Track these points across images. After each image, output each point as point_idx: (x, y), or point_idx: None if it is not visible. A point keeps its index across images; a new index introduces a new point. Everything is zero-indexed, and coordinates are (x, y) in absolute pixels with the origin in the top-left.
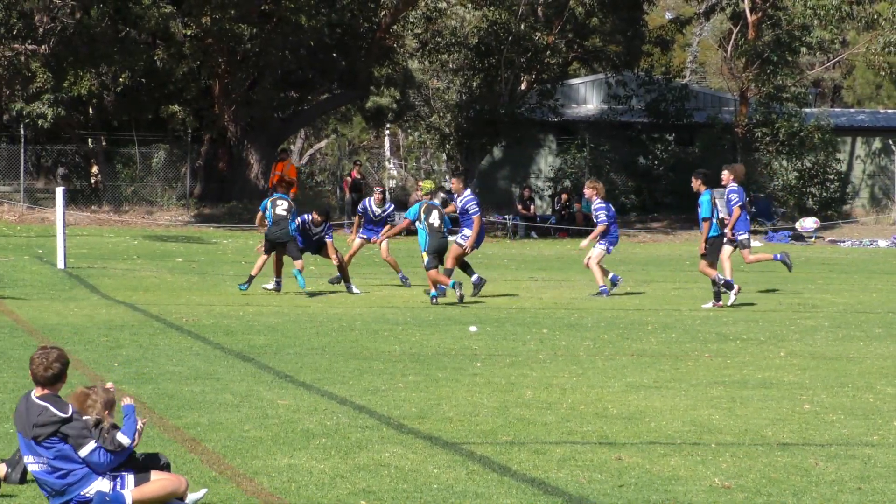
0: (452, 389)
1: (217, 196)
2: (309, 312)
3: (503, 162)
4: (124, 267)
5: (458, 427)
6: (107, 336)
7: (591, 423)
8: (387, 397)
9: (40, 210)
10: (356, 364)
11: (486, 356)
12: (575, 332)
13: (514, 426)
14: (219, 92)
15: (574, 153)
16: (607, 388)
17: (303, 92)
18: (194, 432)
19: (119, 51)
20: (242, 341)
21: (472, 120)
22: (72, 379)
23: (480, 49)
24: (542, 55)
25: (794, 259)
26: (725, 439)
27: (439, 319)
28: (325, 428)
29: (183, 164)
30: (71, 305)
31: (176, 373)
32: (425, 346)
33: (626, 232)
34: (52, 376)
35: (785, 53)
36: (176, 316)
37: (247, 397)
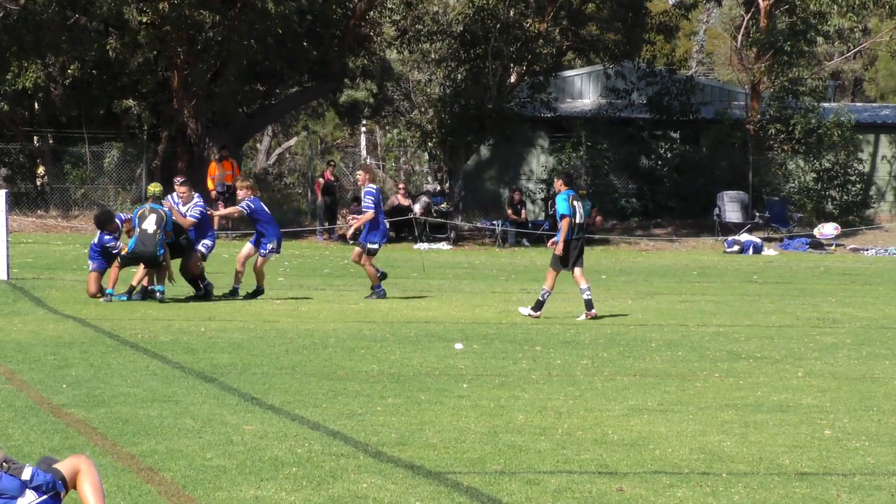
0: (436, 413)
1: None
2: (278, 328)
3: (491, 162)
4: (73, 278)
5: (442, 455)
6: (54, 354)
7: (589, 450)
8: (364, 422)
9: None
10: (330, 385)
11: (474, 376)
12: (571, 350)
13: (505, 454)
14: (177, 85)
15: (569, 152)
16: (607, 411)
17: (270, 85)
18: (151, 461)
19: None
20: (204, 360)
21: (457, 116)
22: (15, 402)
23: (465, 38)
24: (534, 44)
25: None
26: (738, 468)
27: (421, 336)
28: (295, 456)
29: (138, 165)
30: (15, 320)
31: (131, 395)
32: (406, 365)
33: (626, 239)
34: None
35: (801, 43)
36: (131, 332)
37: (209, 422)
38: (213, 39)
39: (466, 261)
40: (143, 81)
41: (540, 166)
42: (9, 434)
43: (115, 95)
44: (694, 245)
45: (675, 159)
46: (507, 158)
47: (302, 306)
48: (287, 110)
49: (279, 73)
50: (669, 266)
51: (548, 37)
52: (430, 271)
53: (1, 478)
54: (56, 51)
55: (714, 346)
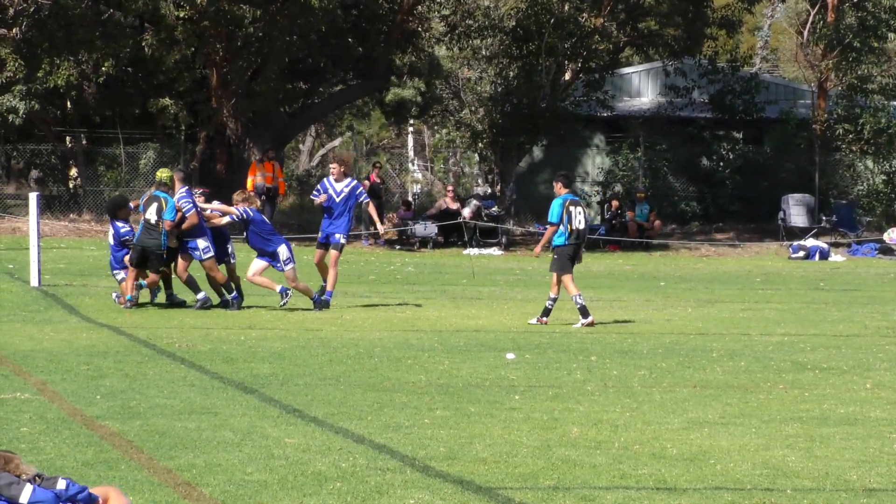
0: (487, 426)
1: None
2: (321, 337)
3: (544, 163)
4: (108, 285)
5: (493, 469)
6: (88, 364)
7: (646, 465)
8: (411, 435)
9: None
10: (375, 397)
11: (526, 388)
12: (628, 360)
13: (558, 468)
14: (216, 83)
15: (626, 153)
16: (666, 424)
17: (313, 83)
18: (189, 475)
19: (101, 35)
20: (244, 370)
21: (509, 115)
22: (47, 414)
23: (518, 33)
24: (590, 40)
25: (883, 275)
26: (803, 484)
27: (471, 345)
28: (339, 470)
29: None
30: (46, 329)
31: (167, 406)
32: (455, 376)
33: (686, 244)
34: None
35: (870, 38)
36: (167, 341)
37: (249, 435)
38: (254, 35)
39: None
40: (181, 79)
41: (595, 168)
42: (40, 447)
43: (150, 94)
44: (757, 251)
45: (738, 161)
46: (561, 160)
47: (346, 314)
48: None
49: (322, 71)
50: (731, 272)
51: (604, 32)
52: (480, 278)
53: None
54: (89, 47)
55: (778, 356)
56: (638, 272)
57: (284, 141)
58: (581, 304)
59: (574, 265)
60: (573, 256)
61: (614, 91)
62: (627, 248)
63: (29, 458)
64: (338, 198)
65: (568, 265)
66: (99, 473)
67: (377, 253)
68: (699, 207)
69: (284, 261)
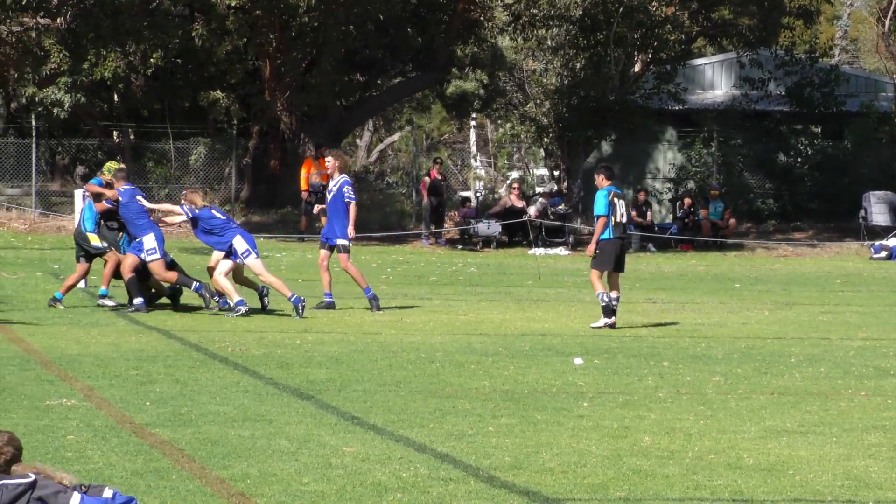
0: (554, 434)
1: (268, 200)
2: (380, 341)
3: (613, 159)
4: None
5: (560, 480)
6: (137, 369)
7: (722, 475)
8: (474, 444)
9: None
10: (437, 403)
11: (595, 394)
12: (702, 366)
13: (629, 479)
14: (269, 75)
15: (699, 148)
16: (742, 433)
17: (370, 75)
18: (243, 485)
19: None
20: (300, 375)
21: (576, 108)
22: (94, 421)
23: (585, 23)
24: (660, 30)
25: None
26: (886, 496)
27: (537, 350)
28: (400, 481)
29: (227, 162)
30: (93, 332)
31: (220, 413)
32: (520, 381)
33: (762, 244)
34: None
35: None
36: (220, 345)
37: (305, 443)
38: (309, 25)
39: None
40: (232, 71)
41: (667, 164)
42: (88, 456)
43: (201, 87)
44: (837, 251)
45: (817, 156)
46: (630, 155)
47: (406, 317)
48: (389, 103)
49: (380, 62)
50: (810, 273)
51: (675, 21)
52: (546, 279)
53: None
54: (137, 38)
55: (860, 361)
56: (712, 273)
57: (341, 136)
58: (606, 303)
59: (618, 268)
60: (619, 254)
61: (686, 83)
62: (701, 247)
63: (76, 467)
64: (329, 196)
65: (607, 262)
66: (149, 483)
67: (438, 253)
68: (776, 205)
69: (243, 253)
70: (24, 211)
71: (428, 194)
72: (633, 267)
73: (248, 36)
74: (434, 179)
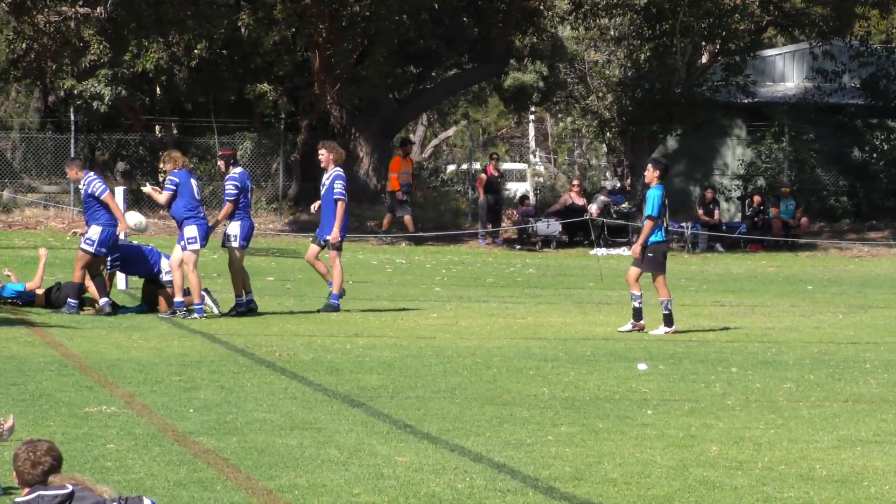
0: (616, 444)
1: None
2: (434, 345)
3: (679, 155)
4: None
5: (623, 491)
6: (180, 375)
7: (793, 487)
8: (533, 453)
9: None
10: (494, 411)
11: (659, 402)
12: (772, 372)
13: (696, 490)
14: (319, 67)
15: (769, 143)
16: (814, 442)
17: (424, 67)
18: (290, 496)
19: (193, 15)
20: (350, 381)
21: (640, 101)
22: (135, 429)
23: (650, 11)
24: (729, 19)
25: None
26: None
27: (599, 355)
28: (455, 492)
29: (274, 158)
30: (134, 335)
31: (267, 421)
32: (581, 388)
33: (836, 244)
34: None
35: None
36: (266, 349)
37: (356, 452)
38: (360, 14)
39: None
40: (280, 63)
41: (735, 160)
42: (128, 466)
43: (247, 79)
44: None
45: (893, 152)
46: (697, 151)
47: (462, 320)
48: (444, 96)
49: (435, 54)
50: (886, 275)
51: (745, 10)
52: (608, 280)
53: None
54: (180, 28)
55: None
56: (783, 274)
57: (393, 130)
58: (669, 311)
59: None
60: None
61: (756, 75)
62: (771, 247)
63: (116, 477)
64: (323, 189)
65: (662, 265)
66: (192, 494)
67: (495, 253)
68: (850, 203)
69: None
70: (62, 209)
71: (484, 192)
72: (699, 268)
73: (297, 26)
74: (491, 176)
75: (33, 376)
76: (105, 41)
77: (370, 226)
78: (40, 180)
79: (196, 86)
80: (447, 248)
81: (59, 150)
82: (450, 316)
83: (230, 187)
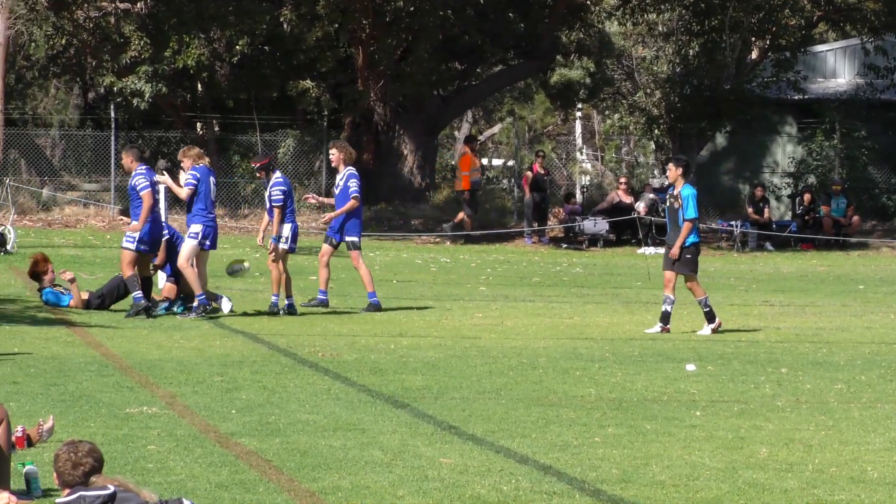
0: (664, 445)
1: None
2: (479, 346)
3: (728, 152)
4: (242, 287)
5: (671, 494)
6: (221, 375)
7: (844, 489)
8: (580, 455)
9: None
10: (540, 412)
11: (708, 403)
12: (823, 373)
13: (745, 493)
14: (362, 63)
15: (820, 141)
16: (866, 444)
17: (469, 63)
18: (333, 499)
19: (235, 10)
20: (394, 382)
21: (689, 98)
22: (177, 430)
23: (699, 7)
24: (779, 14)
25: None
26: None
27: (646, 355)
28: (500, 494)
29: (317, 156)
30: (175, 335)
31: (310, 422)
32: (629, 389)
33: (888, 242)
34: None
35: None
36: (309, 350)
37: (400, 454)
38: (404, 10)
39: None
40: (323, 59)
41: (786, 157)
42: (170, 467)
43: (289, 75)
44: None
45: None
46: (747, 148)
47: (507, 320)
48: (489, 93)
49: (480, 50)
50: None
51: (795, 5)
52: (656, 280)
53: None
54: (221, 24)
55: None
56: (834, 274)
57: (437, 127)
58: (709, 308)
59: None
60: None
61: (806, 71)
62: (822, 246)
63: (157, 478)
64: (336, 190)
65: (697, 265)
66: (234, 496)
67: (541, 252)
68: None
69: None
70: (103, 207)
71: (530, 190)
72: (749, 267)
73: (340, 21)
74: (537, 174)
75: (73, 377)
76: (145, 37)
77: (414, 224)
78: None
79: (238, 82)
80: (492, 246)
81: (98, 147)
82: (495, 316)
83: (276, 193)
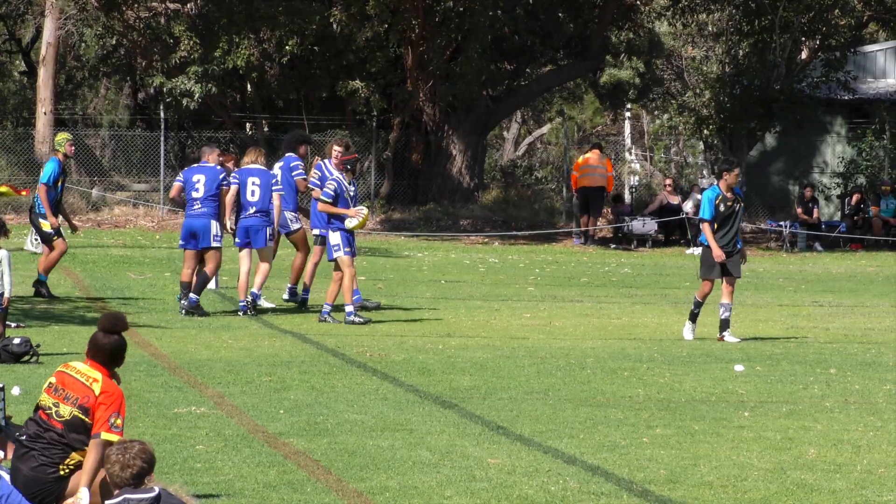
0: (713, 446)
1: (410, 196)
2: (527, 346)
3: (778, 152)
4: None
5: (719, 494)
6: (270, 375)
7: (893, 490)
8: (628, 456)
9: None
10: (588, 412)
11: (756, 403)
12: (872, 373)
13: (793, 493)
14: (412, 63)
15: (870, 141)
16: None
17: (519, 63)
18: (381, 499)
19: (285, 11)
20: (442, 382)
21: (738, 98)
22: (225, 430)
23: (749, 7)
24: (829, 14)
25: None
26: None
27: (695, 356)
28: (548, 494)
29: (366, 156)
30: (224, 335)
31: (358, 422)
32: (677, 390)
33: None
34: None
35: None
36: (358, 350)
37: (448, 454)
38: (454, 10)
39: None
40: (373, 59)
41: (836, 157)
42: (217, 467)
43: (339, 76)
44: None
45: None
46: (797, 148)
47: (555, 320)
48: (539, 93)
49: (530, 50)
50: None
51: (845, 5)
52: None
53: None
54: (271, 24)
55: None
56: (883, 274)
57: (487, 128)
58: (698, 311)
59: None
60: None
61: (857, 71)
62: (871, 247)
63: (205, 478)
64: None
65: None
66: (282, 496)
67: (589, 252)
68: None
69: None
70: (152, 207)
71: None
72: (798, 267)
73: (390, 22)
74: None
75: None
76: (195, 37)
77: (463, 224)
78: (130, 178)
79: (287, 82)
80: (541, 246)
81: (148, 147)
82: (543, 316)
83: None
